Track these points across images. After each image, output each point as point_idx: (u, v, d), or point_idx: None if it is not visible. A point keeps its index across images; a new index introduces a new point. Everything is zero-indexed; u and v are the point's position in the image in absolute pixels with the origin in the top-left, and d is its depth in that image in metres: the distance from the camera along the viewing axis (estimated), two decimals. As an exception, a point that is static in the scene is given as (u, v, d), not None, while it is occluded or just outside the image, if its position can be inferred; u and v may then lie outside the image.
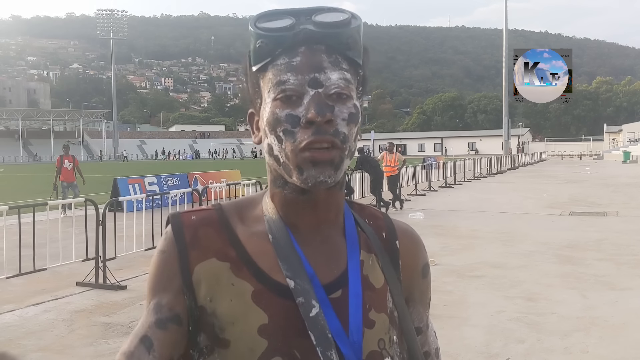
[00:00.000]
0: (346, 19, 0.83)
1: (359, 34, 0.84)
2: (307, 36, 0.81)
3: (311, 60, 0.81)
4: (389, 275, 0.90)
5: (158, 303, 0.84)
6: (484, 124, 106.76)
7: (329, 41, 0.82)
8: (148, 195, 8.86)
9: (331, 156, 0.80)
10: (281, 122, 0.80)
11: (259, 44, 0.82)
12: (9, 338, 4.72)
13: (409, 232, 0.98)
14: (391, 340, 0.87)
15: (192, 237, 0.85)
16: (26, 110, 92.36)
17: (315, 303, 0.81)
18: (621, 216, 12.02)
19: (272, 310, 0.81)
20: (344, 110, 0.81)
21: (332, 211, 0.89)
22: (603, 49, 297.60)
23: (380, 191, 13.47)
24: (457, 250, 8.39)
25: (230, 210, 0.90)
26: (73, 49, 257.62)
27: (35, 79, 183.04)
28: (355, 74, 0.85)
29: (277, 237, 0.85)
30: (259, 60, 0.83)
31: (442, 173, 21.72)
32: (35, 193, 18.09)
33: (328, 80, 0.80)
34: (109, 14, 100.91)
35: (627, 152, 47.03)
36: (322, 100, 0.80)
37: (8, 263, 6.20)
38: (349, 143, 0.82)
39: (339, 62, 0.82)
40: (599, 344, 4.49)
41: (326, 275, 0.85)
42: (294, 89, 0.80)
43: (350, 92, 0.83)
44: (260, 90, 0.85)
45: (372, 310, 0.86)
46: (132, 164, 64.43)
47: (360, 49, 0.85)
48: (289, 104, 0.80)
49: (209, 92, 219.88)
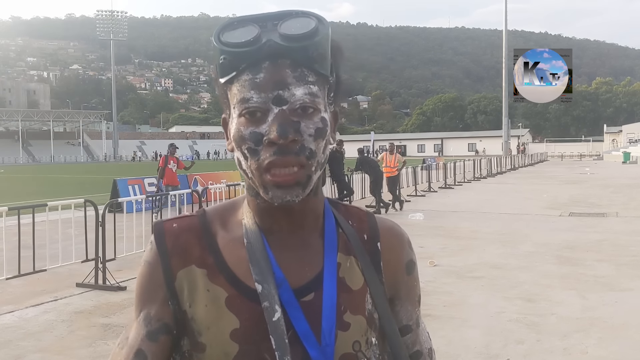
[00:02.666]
0: (312, 30, 0.80)
1: (326, 43, 0.82)
2: (271, 50, 0.79)
3: (275, 77, 0.79)
4: (368, 277, 0.89)
5: (147, 314, 0.86)
6: (483, 124, 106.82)
7: (294, 55, 0.79)
8: (148, 196, 8.86)
9: (296, 178, 0.80)
10: (245, 140, 0.80)
11: (222, 60, 0.80)
12: (9, 339, 4.71)
13: (393, 230, 0.96)
14: (369, 342, 0.87)
15: (173, 244, 0.87)
16: (26, 111, 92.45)
17: (277, 308, 0.81)
18: (621, 217, 12.02)
19: (243, 315, 0.83)
20: (310, 126, 0.80)
21: (308, 216, 0.89)
22: (603, 49, 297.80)
23: (380, 192, 13.46)
24: (456, 251, 8.39)
25: (213, 216, 0.91)
26: (73, 50, 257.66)
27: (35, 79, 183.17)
28: (323, 84, 0.83)
29: (251, 242, 0.86)
30: (224, 74, 0.82)
31: (442, 174, 21.73)
32: (34, 194, 18.10)
33: (292, 97, 0.79)
34: (109, 15, 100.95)
35: (627, 153, 47.02)
36: (287, 118, 0.78)
37: (7, 264, 6.20)
38: (316, 158, 0.81)
39: (305, 75, 0.80)
40: (598, 344, 4.49)
41: (298, 279, 0.85)
42: (257, 107, 0.79)
43: (317, 105, 0.81)
44: (228, 101, 0.85)
45: (347, 312, 0.85)
46: (132, 164, 64.45)
47: (327, 59, 0.83)
48: (253, 121, 0.80)
49: (208, 93, 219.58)
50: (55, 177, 33.59)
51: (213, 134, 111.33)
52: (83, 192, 17.22)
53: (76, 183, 26.87)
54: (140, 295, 0.88)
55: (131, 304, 4.83)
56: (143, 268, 0.88)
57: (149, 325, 0.85)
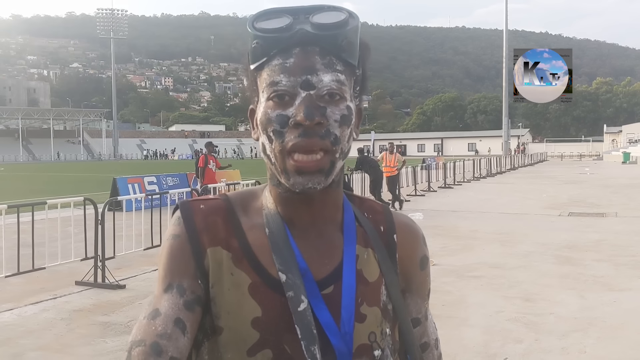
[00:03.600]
0: (342, 20, 0.83)
1: (355, 35, 0.84)
2: (302, 37, 0.81)
3: (304, 62, 0.81)
4: (385, 269, 0.91)
5: (180, 285, 0.84)
6: (483, 124, 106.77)
7: (324, 43, 0.82)
8: (147, 195, 8.86)
9: (320, 165, 0.81)
10: (272, 122, 0.82)
11: (254, 44, 0.83)
12: (8, 337, 4.72)
13: (408, 225, 0.99)
14: (383, 332, 0.89)
15: (202, 223, 0.87)
16: (26, 110, 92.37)
17: (304, 298, 0.82)
18: (620, 217, 12.02)
19: (266, 304, 0.83)
20: (336, 112, 0.82)
21: (328, 208, 0.90)
22: (603, 49, 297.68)
23: (380, 191, 13.47)
24: (456, 250, 8.40)
25: (235, 201, 0.92)
26: (73, 48, 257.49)
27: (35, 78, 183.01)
28: (350, 75, 0.85)
29: (273, 231, 0.87)
30: (255, 60, 0.84)
31: (442, 173, 21.73)
32: (34, 192, 18.11)
33: (320, 82, 0.81)
34: (109, 13, 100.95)
35: (626, 153, 47.02)
36: (313, 102, 0.80)
37: (7, 262, 6.20)
38: (340, 145, 0.83)
39: (333, 63, 0.82)
40: (596, 344, 4.50)
41: (319, 270, 0.87)
42: (286, 90, 0.81)
43: (344, 93, 0.83)
44: (257, 88, 0.87)
45: (363, 304, 0.87)
46: (132, 163, 64.41)
47: (356, 50, 0.85)
48: (281, 104, 0.82)
49: (209, 92, 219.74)
50: (55, 176, 33.63)
51: (213, 133, 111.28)
52: (83, 191, 17.23)
53: (76, 181, 26.89)
54: (169, 267, 0.85)
55: (130, 302, 4.82)
56: (172, 241, 0.87)
57: (185, 295, 0.83)
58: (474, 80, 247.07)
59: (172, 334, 0.79)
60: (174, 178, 16.45)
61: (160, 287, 0.85)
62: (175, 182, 16.11)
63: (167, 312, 0.81)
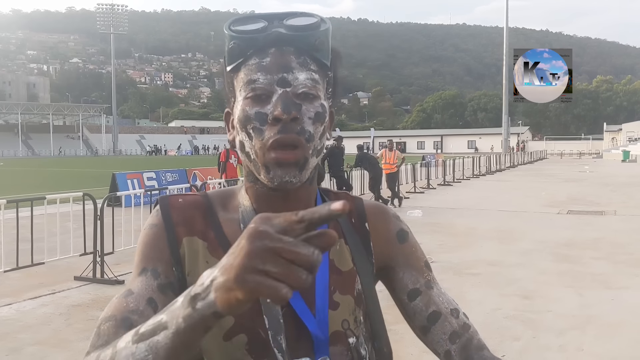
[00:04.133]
0: (315, 23, 0.87)
1: (327, 36, 0.88)
2: (277, 38, 0.85)
3: (280, 61, 0.85)
4: (357, 258, 0.95)
5: (154, 270, 0.87)
6: (483, 122, 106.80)
7: (298, 43, 0.86)
8: (146, 191, 8.86)
9: (296, 157, 0.84)
10: (251, 120, 0.85)
11: (231, 44, 0.86)
12: (6, 332, 4.72)
13: (377, 209, 1.02)
14: (357, 320, 0.92)
15: (178, 216, 0.91)
16: (26, 105, 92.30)
17: None
18: (619, 215, 12.03)
19: None
20: (311, 109, 0.85)
21: (302, 203, 0.92)
22: (603, 47, 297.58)
23: (379, 189, 13.48)
24: (454, 247, 8.41)
25: (214, 198, 0.96)
26: (73, 44, 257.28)
27: (35, 73, 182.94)
28: (323, 76, 0.89)
29: (247, 225, 0.89)
30: (232, 61, 0.87)
31: (441, 171, 21.73)
32: (33, 187, 18.10)
33: (296, 80, 0.85)
34: (109, 9, 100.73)
35: (626, 152, 47.02)
36: (290, 98, 0.84)
37: (6, 257, 6.20)
38: (314, 142, 0.86)
39: (307, 63, 0.86)
40: (594, 342, 4.51)
41: None
42: (263, 88, 0.84)
43: (318, 92, 0.87)
44: (234, 89, 0.90)
45: (336, 292, 0.91)
46: (132, 158, 64.34)
47: (328, 51, 0.88)
48: (259, 102, 0.85)
49: (208, 88, 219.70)
50: (54, 171, 33.63)
51: (212, 129, 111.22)
52: (82, 186, 17.23)
53: (75, 176, 26.88)
54: (145, 253, 0.89)
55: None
56: (148, 230, 0.91)
57: (159, 278, 0.86)
58: (474, 78, 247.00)
59: (144, 311, 0.81)
60: (173, 174, 16.44)
61: (136, 271, 0.88)
62: (175, 177, 16.10)
63: (139, 292, 0.84)
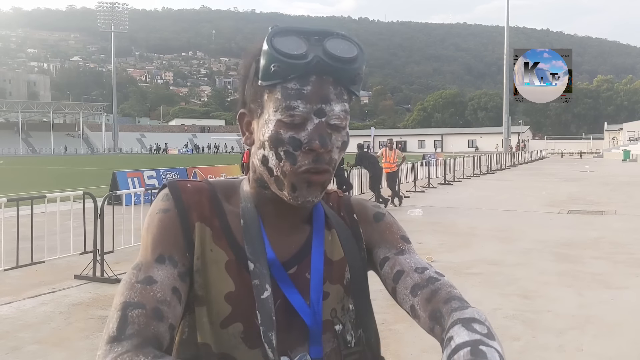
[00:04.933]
0: (356, 56, 0.88)
1: (363, 68, 0.90)
2: (319, 67, 0.86)
3: (320, 91, 0.87)
4: (347, 249, 0.99)
5: (172, 257, 0.88)
6: (484, 121, 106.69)
7: (338, 74, 0.87)
8: (147, 189, 8.86)
9: (324, 179, 0.89)
10: (284, 143, 0.87)
11: (273, 67, 0.85)
12: (6, 330, 4.73)
13: (359, 202, 1.08)
14: (345, 308, 0.97)
15: (189, 200, 0.93)
16: (26, 103, 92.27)
17: (268, 287, 0.89)
18: (619, 215, 12.03)
19: (239, 280, 0.90)
20: (339, 139, 0.90)
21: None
22: (604, 47, 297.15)
23: (379, 188, 13.47)
24: (454, 247, 8.41)
25: (217, 187, 0.99)
26: (74, 42, 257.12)
27: (36, 71, 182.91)
28: (350, 102, 0.93)
29: (247, 223, 0.94)
30: (270, 79, 0.86)
31: (442, 170, 21.73)
32: (34, 185, 18.10)
33: (332, 111, 0.87)
34: (110, 7, 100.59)
35: (627, 151, 46.99)
36: (325, 130, 0.87)
37: (6, 255, 6.20)
38: (335, 167, 0.92)
39: (342, 94, 0.89)
40: (593, 342, 4.51)
41: (285, 254, 0.94)
42: (301, 116, 0.86)
43: (346, 122, 0.91)
44: (262, 102, 0.90)
45: (326, 282, 0.95)
46: (132, 157, 64.37)
47: (361, 82, 0.91)
48: (292, 127, 0.87)
49: (209, 86, 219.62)
50: (54, 169, 33.63)
51: (213, 128, 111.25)
52: (82, 184, 17.23)
53: (75, 175, 26.88)
54: (160, 238, 0.89)
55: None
56: (162, 215, 0.91)
57: (177, 267, 0.88)
58: (475, 77, 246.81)
59: (171, 302, 0.83)
60: (174, 173, 16.45)
61: (151, 257, 0.87)
62: (175, 176, 16.11)
63: (163, 281, 0.84)
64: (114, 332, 0.77)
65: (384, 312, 4.59)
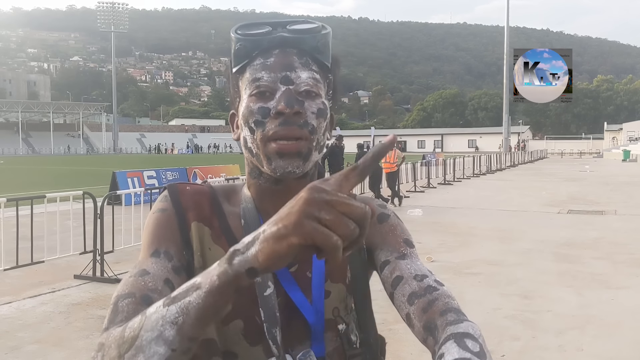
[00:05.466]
0: (317, 27, 0.91)
1: (328, 39, 0.92)
2: (281, 40, 0.90)
3: (283, 60, 0.89)
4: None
5: (167, 252, 0.89)
6: (484, 121, 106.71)
7: (301, 45, 0.90)
8: (146, 189, 8.86)
9: (298, 147, 0.87)
10: (253, 114, 0.88)
11: (238, 46, 0.91)
12: (6, 330, 4.73)
13: (365, 200, 1.02)
14: (348, 307, 0.96)
15: (187, 201, 0.95)
16: (26, 103, 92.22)
17: (270, 284, 0.89)
18: (619, 215, 12.03)
19: None
20: (313, 105, 0.89)
21: None
22: (604, 47, 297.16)
23: (379, 187, 13.48)
24: (454, 247, 8.41)
25: (218, 190, 1.00)
26: (74, 42, 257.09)
27: (36, 71, 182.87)
28: (324, 77, 0.93)
29: (248, 222, 0.94)
30: (238, 62, 0.92)
31: (442, 170, 21.73)
32: (33, 185, 18.10)
33: (298, 79, 0.88)
34: (110, 7, 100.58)
35: (627, 151, 46.99)
36: (292, 95, 0.87)
37: (6, 255, 6.21)
38: (317, 135, 0.90)
39: (309, 63, 0.90)
40: (593, 342, 4.51)
41: None
42: (267, 85, 0.88)
43: (319, 90, 0.91)
44: (239, 90, 0.94)
45: (327, 280, 0.94)
46: (132, 157, 64.33)
47: (329, 52, 0.92)
48: (263, 98, 0.88)
49: (209, 86, 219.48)
50: (54, 169, 33.63)
51: (213, 128, 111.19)
52: (82, 184, 17.23)
53: (75, 175, 26.88)
54: (157, 234, 0.90)
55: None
56: (159, 214, 0.93)
57: (172, 260, 0.88)
58: (475, 77, 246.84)
59: (162, 291, 0.82)
60: (174, 172, 16.43)
61: (147, 252, 0.89)
62: (175, 176, 16.10)
63: (156, 272, 0.85)
64: (106, 324, 0.78)
65: (384, 312, 4.57)
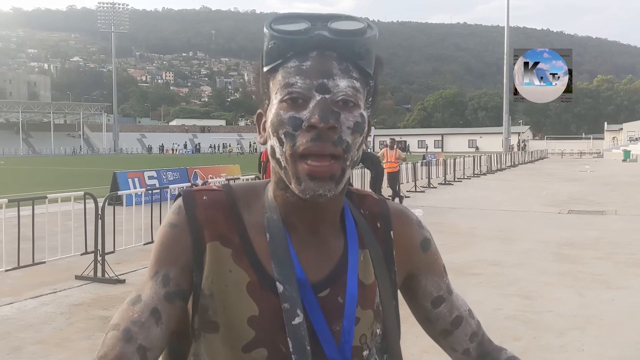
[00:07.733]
0: (361, 28, 0.82)
1: (373, 44, 0.84)
2: (320, 41, 0.81)
3: (321, 66, 0.80)
4: (379, 271, 0.92)
5: (166, 275, 0.83)
6: (484, 121, 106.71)
7: (342, 48, 0.81)
8: (147, 190, 8.87)
9: (331, 170, 0.80)
10: (284, 124, 0.80)
11: (271, 45, 0.82)
12: (7, 331, 4.73)
13: (402, 216, 0.99)
14: (374, 333, 0.90)
15: (203, 215, 0.86)
16: (26, 103, 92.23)
17: (299, 312, 0.82)
18: (620, 215, 12.03)
19: (263, 303, 0.83)
20: (350, 118, 0.81)
21: (330, 213, 0.89)
22: (604, 47, 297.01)
23: (380, 188, 13.47)
24: (455, 247, 8.40)
25: (238, 195, 0.91)
26: (74, 42, 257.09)
27: (36, 71, 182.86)
28: (365, 84, 0.84)
29: (274, 238, 0.86)
30: (270, 62, 0.83)
31: (442, 170, 21.72)
32: (34, 186, 18.11)
33: (336, 87, 0.80)
34: (110, 7, 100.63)
35: (627, 151, 46.94)
36: (328, 106, 0.79)
37: (7, 256, 6.20)
38: (351, 152, 0.81)
39: (350, 70, 0.82)
40: (594, 342, 4.51)
41: (316, 274, 0.87)
42: (300, 92, 0.80)
43: (358, 100, 0.82)
44: (269, 91, 0.85)
45: (358, 307, 0.87)
46: (132, 157, 64.31)
47: (372, 59, 0.84)
48: (294, 106, 0.80)
49: (209, 87, 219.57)
50: (55, 169, 33.63)
51: (213, 128, 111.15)
52: (83, 185, 17.23)
53: (76, 175, 26.88)
54: (160, 255, 0.85)
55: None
56: (168, 229, 0.86)
57: (167, 286, 0.82)
58: (475, 77, 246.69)
59: (145, 323, 0.79)
60: (174, 173, 16.44)
61: (149, 273, 0.85)
62: (176, 176, 16.10)
63: (146, 300, 0.81)
64: (95, 357, 0.77)
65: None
